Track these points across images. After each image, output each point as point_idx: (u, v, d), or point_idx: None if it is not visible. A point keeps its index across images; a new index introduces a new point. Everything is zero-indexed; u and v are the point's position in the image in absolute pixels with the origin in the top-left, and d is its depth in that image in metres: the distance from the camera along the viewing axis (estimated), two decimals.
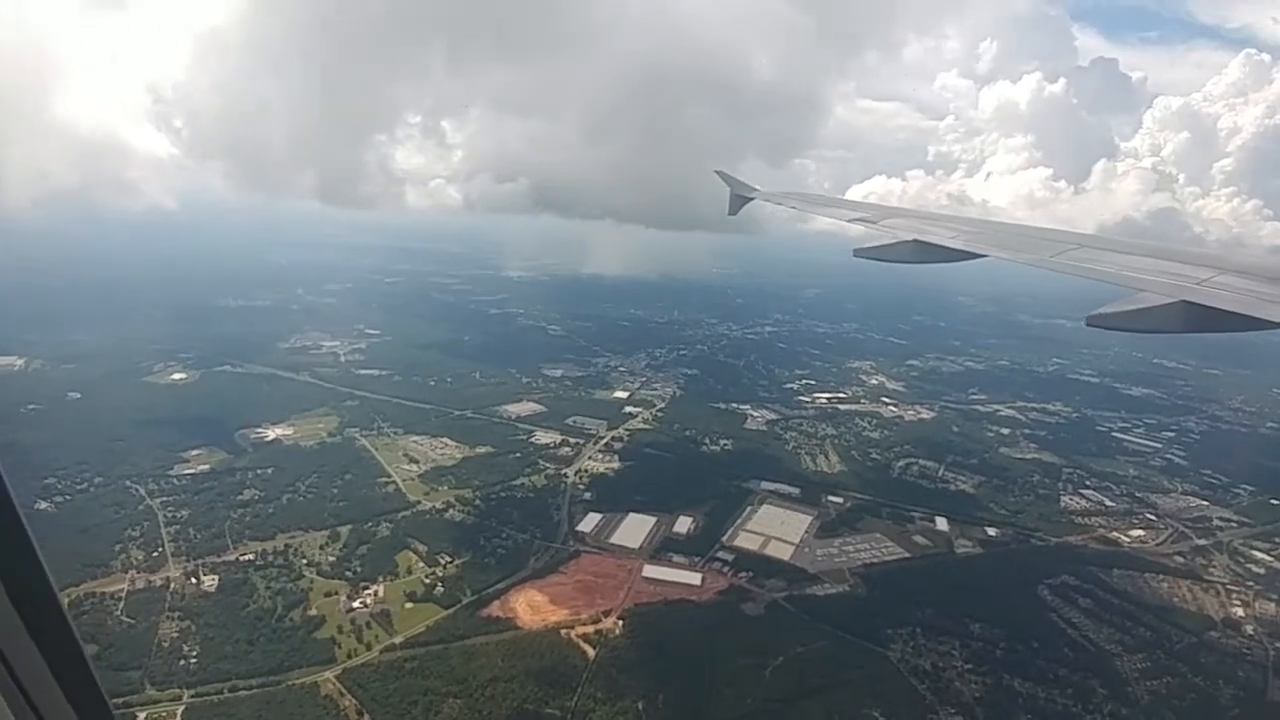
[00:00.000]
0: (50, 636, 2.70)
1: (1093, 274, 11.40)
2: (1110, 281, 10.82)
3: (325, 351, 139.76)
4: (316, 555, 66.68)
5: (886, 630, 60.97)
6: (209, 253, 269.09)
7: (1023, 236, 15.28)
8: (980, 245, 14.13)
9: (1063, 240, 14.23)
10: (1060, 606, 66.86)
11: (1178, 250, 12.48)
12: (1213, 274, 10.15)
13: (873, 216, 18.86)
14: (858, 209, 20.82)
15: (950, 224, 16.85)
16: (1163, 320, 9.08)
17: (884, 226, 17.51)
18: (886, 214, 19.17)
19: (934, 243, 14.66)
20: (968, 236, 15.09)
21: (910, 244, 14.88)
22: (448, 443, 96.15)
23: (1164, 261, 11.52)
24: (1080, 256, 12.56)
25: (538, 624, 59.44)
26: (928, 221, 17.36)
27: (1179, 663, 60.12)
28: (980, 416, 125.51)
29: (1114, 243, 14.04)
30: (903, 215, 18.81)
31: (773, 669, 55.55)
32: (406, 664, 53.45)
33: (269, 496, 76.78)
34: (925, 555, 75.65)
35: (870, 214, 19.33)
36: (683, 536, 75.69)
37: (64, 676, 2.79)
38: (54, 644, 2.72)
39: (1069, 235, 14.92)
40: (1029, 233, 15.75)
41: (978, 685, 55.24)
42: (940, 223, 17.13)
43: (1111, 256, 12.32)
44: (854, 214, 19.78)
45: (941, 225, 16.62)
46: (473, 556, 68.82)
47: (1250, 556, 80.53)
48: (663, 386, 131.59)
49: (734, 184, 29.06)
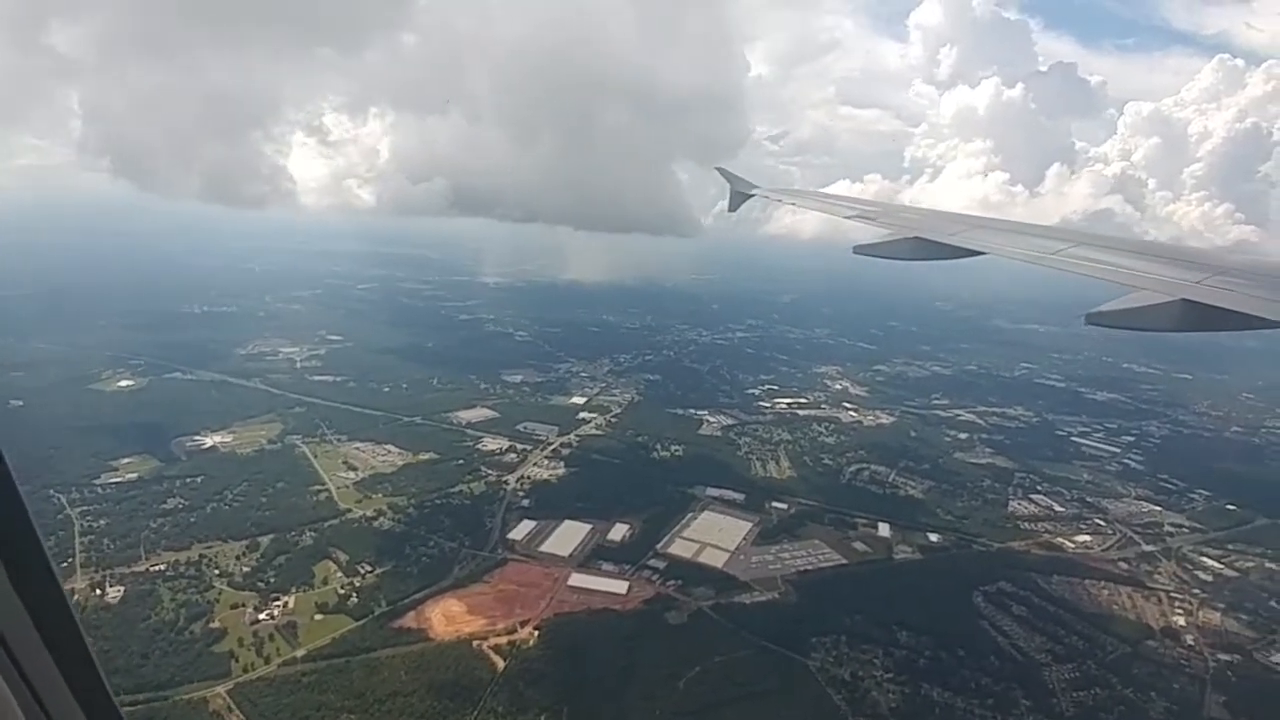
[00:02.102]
0: (59, 638, 2.73)
1: (1091, 271, 11.38)
2: (1109, 279, 10.78)
3: (282, 358, 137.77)
4: (231, 566, 64.78)
5: (811, 638, 59.48)
6: (176, 259, 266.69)
7: (1022, 234, 15.17)
8: (979, 243, 14.03)
9: (1061, 238, 14.11)
10: (993, 614, 65.54)
11: (1177, 249, 12.46)
12: (1211, 273, 10.13)
13: (871, 213, 18.72)
14: (856, 205, 20.69)
15: (951, 221, 16.68)
16: (1161, 319, 9.05)
17: (883, 223, 17.44)
18: (885, 211, 19.08)
19: (934, 240, 14.44)
20: (968, 234, 14.96)
21: (910, 241, 14.64)
22: (391, 449, 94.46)
23: (1163, 260, 11.53)
24: (1078, 254, 12.51)
25: (450, 635, 57.69)
26: (928, 218, 17.25)
27: (1110, 674, 58.73)
28: (940, 421, 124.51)
29: (1113, 240, 14.11)
30: (902, 212, 18.80)
31: (687, 680, 53.99)
32: (304, 678, 51.61)
33: (193, 505, 74.89)
34: (863, 562, 74.29)
35: (869, 211, 19.16)
36: (616, 544, 74.14)
37: (72, 677, 2.83)
38: (62, 645, 2.75)
39: (1068, 233, 14.84)
40: (1028, 230, 15.74)
41: (895, 695, 53.77)
42: (940, 219, 16.97)
43: (1110, 254, 12.27)
44: (852, 210, 19.58)
45: (941, 222, 16.48)
46: (395, 566, 67.04)
47: (1199, 563, 79.40)
48: (621, 392, 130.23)
49: (734, 180, 28.99)
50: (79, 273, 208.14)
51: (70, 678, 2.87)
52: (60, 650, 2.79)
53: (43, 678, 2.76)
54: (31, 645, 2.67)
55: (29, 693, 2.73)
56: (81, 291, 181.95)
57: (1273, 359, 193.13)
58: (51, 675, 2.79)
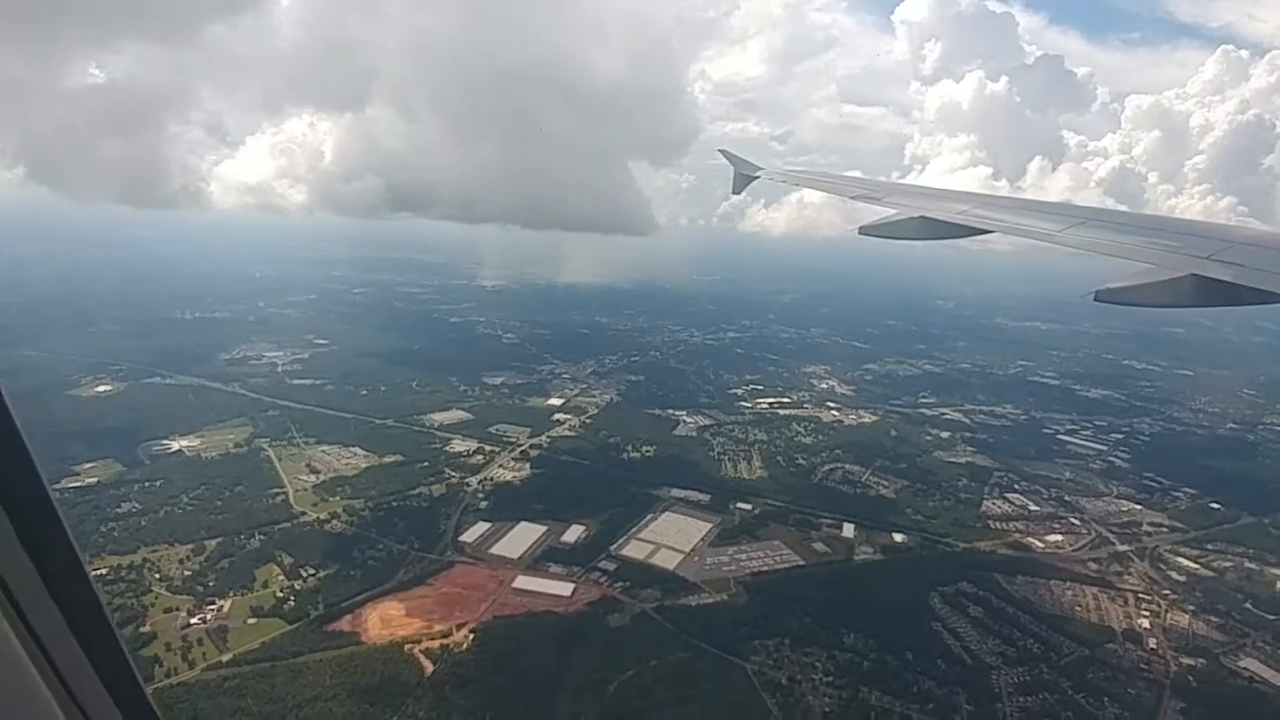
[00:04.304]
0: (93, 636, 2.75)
1: (1099, 248, 11.26)
2: (1117, 256, 10.71)
3: (264, 362, 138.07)
4: (173, 570, 64.38)
5: (753, 641, 58.04)
6: (173, 266, 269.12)
7: (1029, 212, 15.07)
8: (986, 221, 13.85)
9: (1069, 215, 13.77)
10: (948, 615, 63.72)
11: (1186, 223, 12.25)
12: (1221, 248, 9.95)
13: (876, 193, 18.38)
14: (861, 186, 20.29)
15: (958, 200, 16.33)
16: (1172, 294, 8.94)
17: (888, 203, 17.01)
18: (891, 191, 18.73)
19: (941, 219, 14.23)
20: (975, 213, 14.68)
21: (917, 220, 14.43)
22: (358, 452, 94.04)
23: (1172, 235, 11.35)
24: (1085, 232, 12.33)
25: (384, 639, 56.88)
26: (934, 198, 16.91)
27: (1063, 678, 56.75)
28: (924, 420, 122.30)
29: (1121, 216, 13.81)
30: (908, 193, 18.40)
31: (619, 683, 52.75)
32: (226, 683, 50.97)
33: (147, 509, 74.67)
34: (821, 563, 72.66)
35: (874, 191, 18.82)
36: (569, 546, 73.03)
37: (107, 675, 2.84)
38: (97, 644, 2.77)
39: (1076, 210, 14.47)
40: (1035, 208, 15.71)
41: (831, 699, 52.17)
42: (947, 199, 16.66)
43: (1118, 231, 12.16)
44: (857, 191, 19.31)
45: (948, 201, 16.16)
46: (339, 569, 66.37)
47: (1173, 564, 77.05)
48: (601, 393, 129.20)
49: (737, 163, 28.63)
50: (62, 283, 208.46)
51: (104, 677, 2.84)
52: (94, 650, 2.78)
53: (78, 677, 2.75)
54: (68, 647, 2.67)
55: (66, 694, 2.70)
56: (69, 299, 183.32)
57: (1278, 354, 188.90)
58: (87, 674, 2.77)
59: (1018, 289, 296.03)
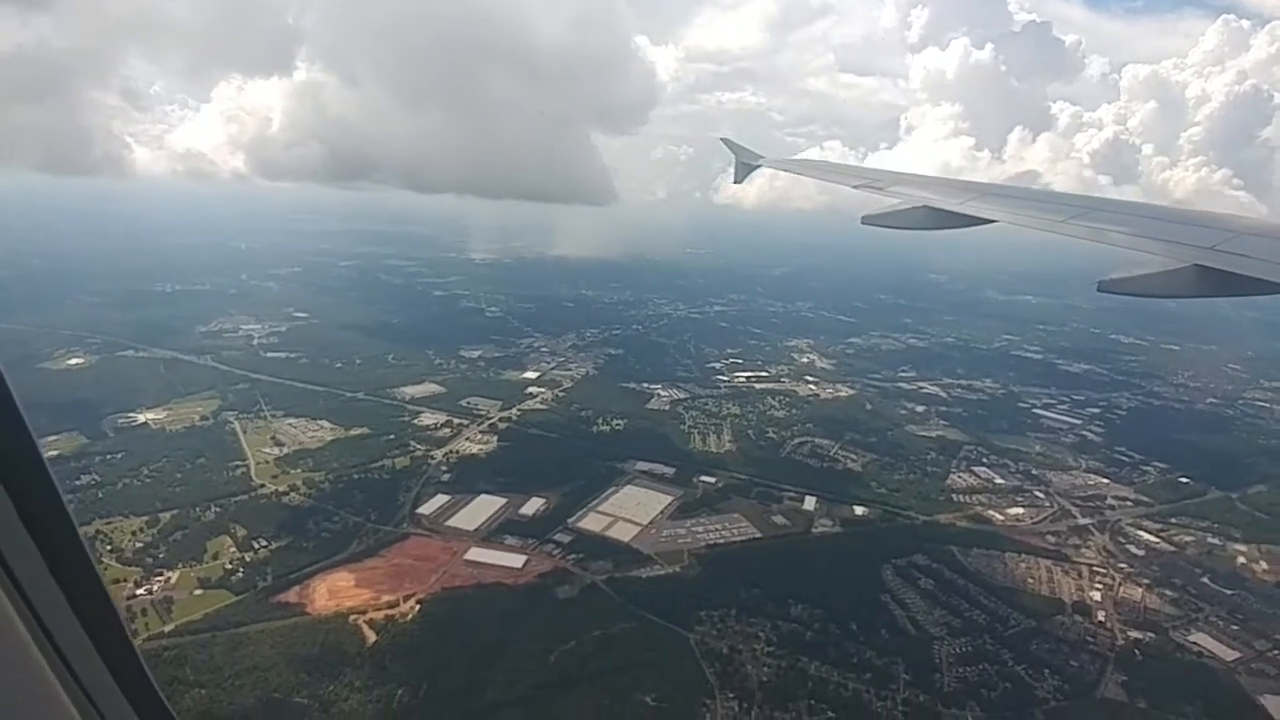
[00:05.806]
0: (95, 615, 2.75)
1: (1102, 239, 11.37)
2: (1120, 246, 10.80)
3: (241, 335, 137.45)
4: (125, 542, 64.42)
5: (699, 612, 58.02)
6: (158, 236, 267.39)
7: (1033, 201, 15.00)
8: (990, 211, 13.86)
9: (1073, 204, 13.95)
10: (897, 587, 63.74)
11: (1188, 214, 12.34)
12: (1224, 238, 10.04)
13: (879, 182, 18.44)
14: (863, 175, 20.33)
15: (961, 189, 16.33)
16: (1175, 285, 8.99)
17: (891, 193, 17.11)
18: (894, 180, 18.66)
19: (944, 209, 14.21)
20: (978, 202, 14.74)
21: (920, 210, 14.48)
22: (324, 425, 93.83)
23: (1174, 225, 11.42)
24: (1090, 221, 12.41)
25: (330, 610, 57.03)
26: (937, 188, 16.80)
27: (1005, 649, 56.83)
28: (901, 394, 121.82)
29: (1125, 205, 13.98)
30: (911, 182, 18.38)
31: (560, 653, 52.86)
32: (165, 653, 51.07)
33: (105, 482, 74.61)
34: (778, 535, 72.62)
35: (876, 180, 18.84)
36: (527, 519, 72.96)
37: (109, 654, 2.84)
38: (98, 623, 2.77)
39: (1080, 199, 14.59)
40: (1039, 197, 15.67)
41: (770, 668, 52.31)
42: (950, 188, 16.58)
43: (1121, 221, 12.15)
44: (859, 180, 19.30)
45: (952, 191, 16.11)
46: (292, 541, 66.41)
47: (1134, 537, 76.88)
48: (578, 367, 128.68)
49: (739, 151, 28.21)
50: (44, 257, 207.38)
51: (106, 655, 2.82)
52: (104, 644, 2.79)
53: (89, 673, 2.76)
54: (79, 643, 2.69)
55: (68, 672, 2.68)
56: (49, 273, 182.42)
57: (1269, 329, 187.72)
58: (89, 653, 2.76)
59: (1015, 264, 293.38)
